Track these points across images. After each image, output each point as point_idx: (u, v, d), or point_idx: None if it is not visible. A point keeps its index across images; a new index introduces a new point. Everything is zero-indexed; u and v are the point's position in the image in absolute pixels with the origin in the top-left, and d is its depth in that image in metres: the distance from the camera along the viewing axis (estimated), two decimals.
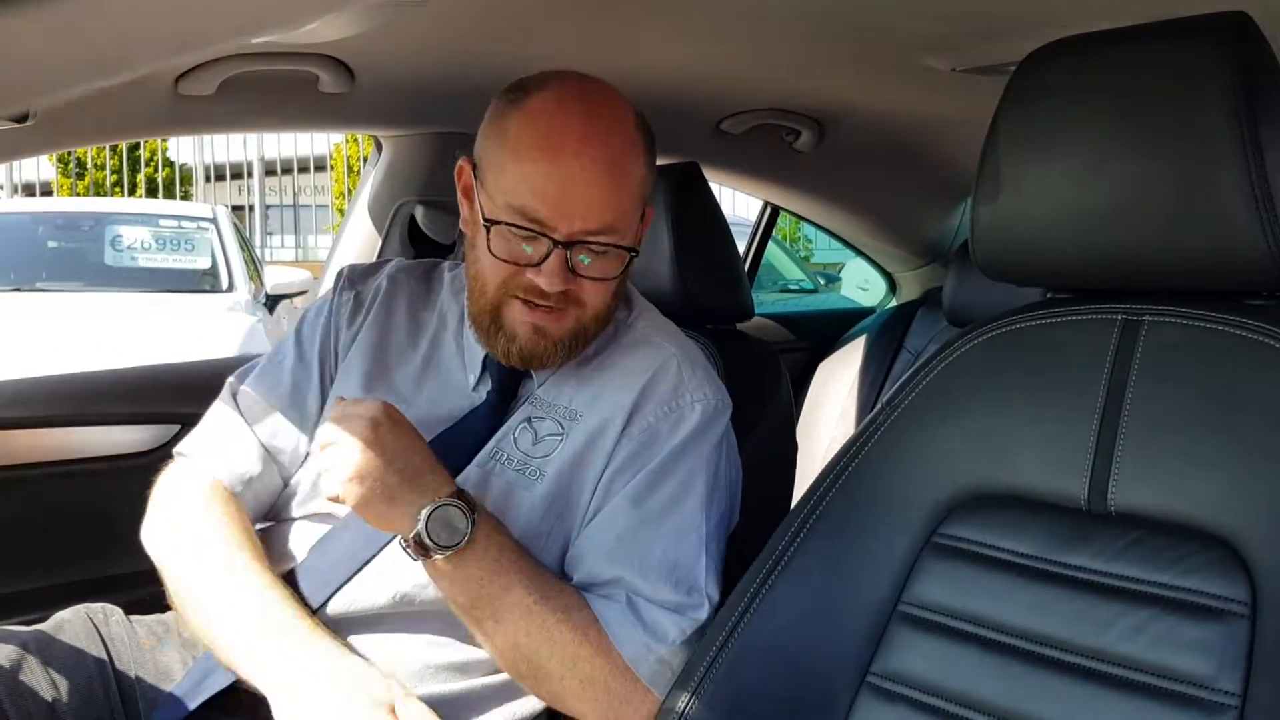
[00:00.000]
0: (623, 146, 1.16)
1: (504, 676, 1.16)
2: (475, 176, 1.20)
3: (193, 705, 1.15)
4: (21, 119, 1.30)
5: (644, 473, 1.17)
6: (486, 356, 1.25)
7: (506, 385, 1.25)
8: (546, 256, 1.13)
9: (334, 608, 1.16)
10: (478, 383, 1.26)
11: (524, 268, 1.15)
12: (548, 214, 1.12)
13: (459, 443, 1.21)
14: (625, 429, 1.19)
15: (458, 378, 1.28)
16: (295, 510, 1.26)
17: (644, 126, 1.21)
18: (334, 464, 1.07)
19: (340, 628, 1.15)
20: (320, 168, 14.39)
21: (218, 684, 1.15)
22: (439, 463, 1.11)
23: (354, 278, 1.39)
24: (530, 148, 1.13)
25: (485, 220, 1.16)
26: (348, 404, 1.12)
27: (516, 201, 1.13)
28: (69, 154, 12.67)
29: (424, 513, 1.06)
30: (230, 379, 1.34)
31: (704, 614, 1.14)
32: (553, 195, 1.12)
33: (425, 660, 1.15)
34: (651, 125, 1.25)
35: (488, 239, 1.16)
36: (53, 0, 0.37)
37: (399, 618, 1.17)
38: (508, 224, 1.13)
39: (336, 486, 1.07)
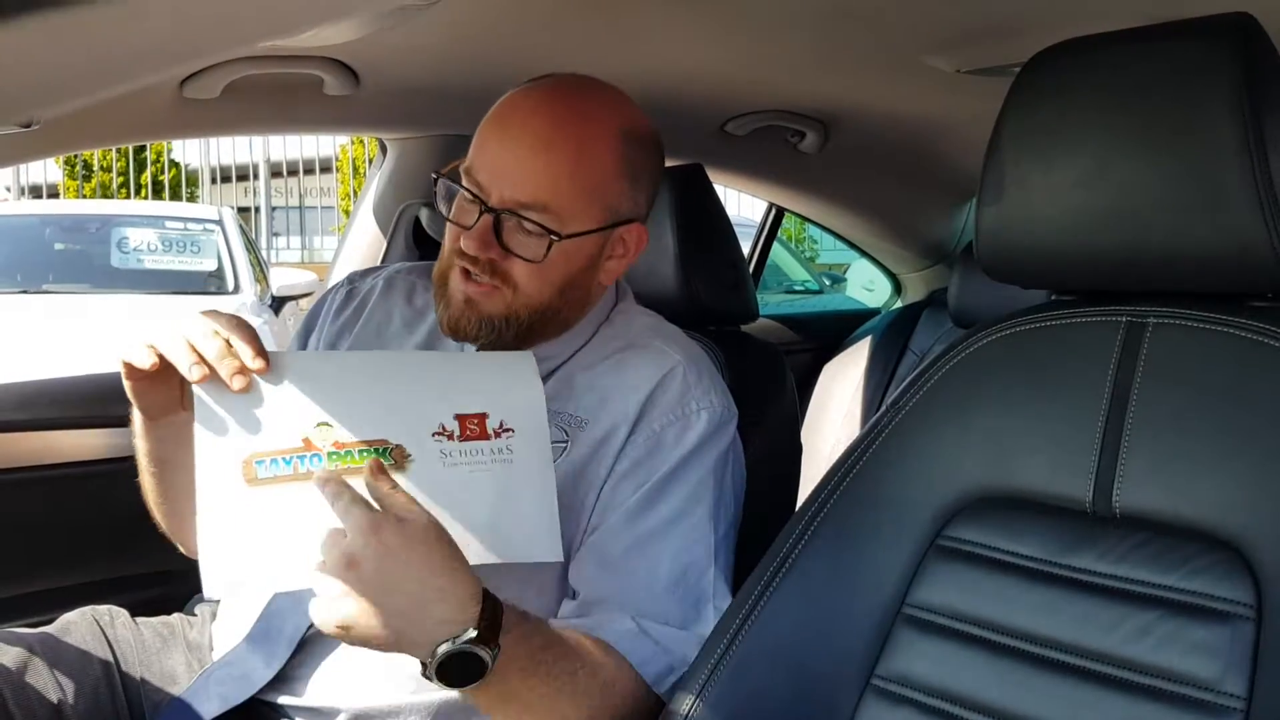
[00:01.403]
0: (583, 139, 1.16)
1: None
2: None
3: (208, 718, 1.15)
4: (28, 123, 1.30)
5: (650, 483, 1.16)
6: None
7: None
8: (476, 220, 1.15)
9: None
10: None
11: (462, 230, 1.16)
12: (484, 178, 1.15)
13: None
14: (630, 437, 1.18)
15: None
16: None
17: (633, 141, 1.20)
18: (319, 595, 0.91)
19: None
20: (326, 169, 14.41)
21: (231, 699, 1.15)
22: (456, 572, 0.93)
23: (353, 276, 1.41)
24: (492, 119, 1.18)
25: (434, 173, 1.21)
26: (337, 487, 0.94)
27: (468, 162, 1.17)
28: (75, 156, 12.70)
29: (435, 657, 0.91)
30: None
31: (710, 626, 1.12)
32: (490, 161, 1.15)
33: None
34: (659, 134, 1.24)
35: (448, 193, 1.20)
36: (59, 11, 0.37)
37: None
38: (447, 177, 1.18)
39: (326, 627, 0.91)
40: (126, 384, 1.06)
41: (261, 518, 0.97)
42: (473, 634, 0.91)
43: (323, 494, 0.94)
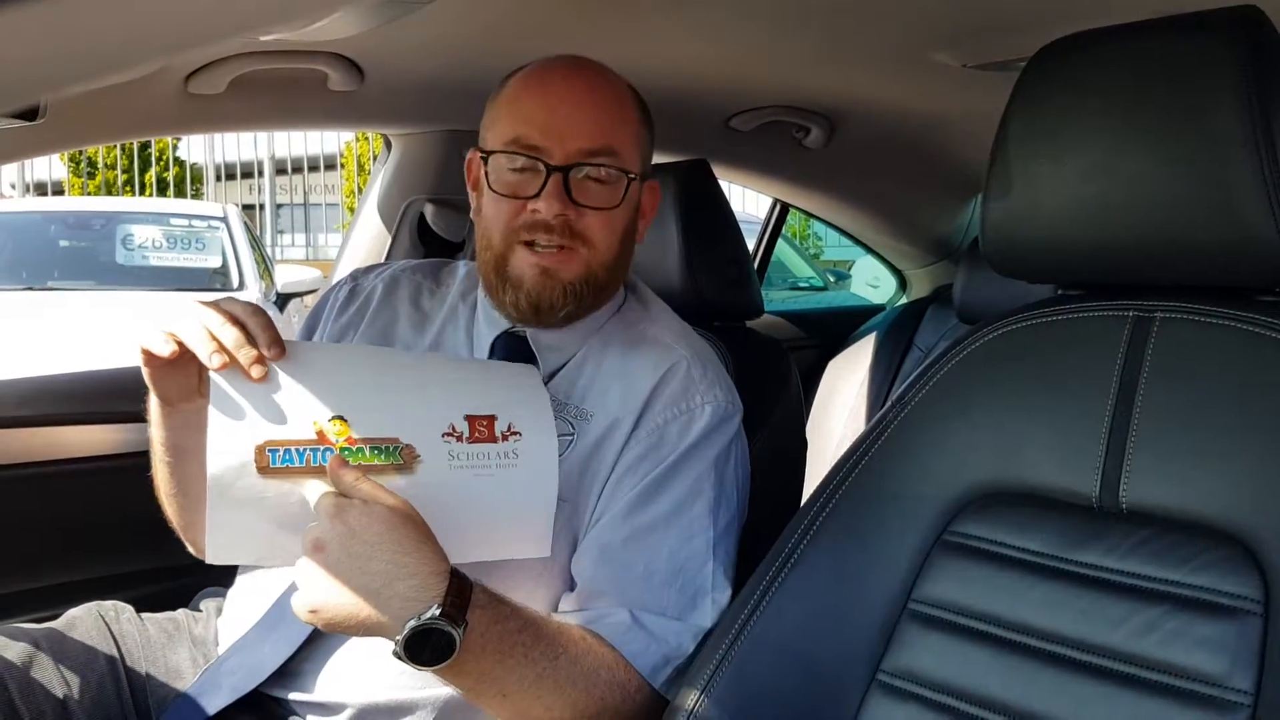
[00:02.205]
0: (614, 94, 1.22)
1: None
2: (479, 159, 1.23)
3: (212, 710, 1.15)
4: (31, 117, 1.30)
5: (652, 475, 1.17)
6: (494, 342, 1.25)
7: None
8: (545, 183, 1.16)
9: None
10: None
11: (525, 201, 1.17)
12: (540, 138, 1.16)
13: None
14: (634, 429, 1.19)
15: None
16: None
17: (639, 100, 1.27)
18: (298, 583, 0.95)
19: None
20: (331, 166, 14.44)
21: (241, 688, 1.15)
22: (423, 550, 0.94)
23: (356, 274, 1.41)
24: (521, 90, 1.20)
25: (483, 152, 1.21)
26: (316, 490, 0.97)
27: (511, 134, 1.18)
28: (80, 153, 12.73)
29: (400, 636, 0.92)
30: None
31: (710, 620, 1.13)
32: (544, 119, 1.17)
33: None
34: (660, 122, 1.27)
35: (488, 176, 1.20)
36: None
37: None
38: (503, 151, 1.18)
39: (300, 613, 0.94)
40: (145, 371, 1.07)
41: (269, 506, 0.99)
42: (437, 610, 0.91)
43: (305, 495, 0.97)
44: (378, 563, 0.92)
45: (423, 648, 0.92)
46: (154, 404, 1.15)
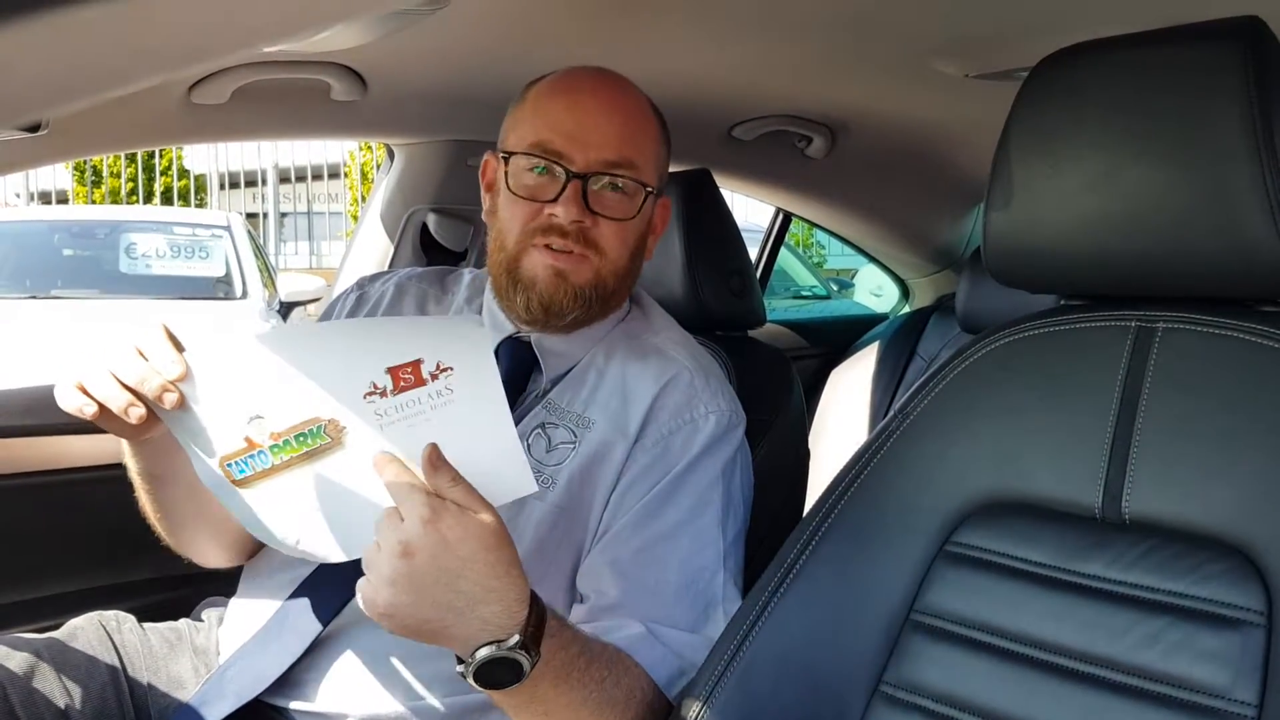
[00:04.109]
0: (637, 107, 1.24)
1: None
2: (500, 152, 1.24)
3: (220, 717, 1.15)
4: (35, 128, 1.31)
5: (659, 488, 1.16)
6: (498, 348, 1.25)
7: (516, 376, 1.25)
8: (563, 189, 1.17)
9: (348, 613, 1.16)
10: None
11: (543, 204, 1.18)
12: (564, 145, 1.17)
13: None
14: (638, 440, 1.19)
15: None
16: None
17: (660, 118, 1.28)
18: (369, 577, 0.91)
19: (359, 628, 1.15)
20: (334, 175, 14.44)
21: (242, 697, 1.15)
22: (512, 574, 0.90)
23: (362, 281, 1.42)
24: (548, 96, 1.22)
25: (503, 153, 1.22)
26: (397, 467, 0.92)
27: (534, 138, 1.19)
28: (85, 162, 12.74)
29: (475, 660, 0.90)
30: None
31: (720, 630, 1.12)
32: (569, 126, 1.18)
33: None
34: None
35: (507, 178, 1.20)
36: (64, 10, 0.37)
37: None
38: (525, 154, 1.19)
39: (370, 610, 0.90)
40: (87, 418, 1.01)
41: (256, 510, 0.98)
42: (517, 639, 0.89)
43: (382, 478, 0.92)
44: (467, 582, 0.88)
45: (492, 671, 0.90)
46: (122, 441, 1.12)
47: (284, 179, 13.90)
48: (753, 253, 2.90)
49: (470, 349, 0.98)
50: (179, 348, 0.98)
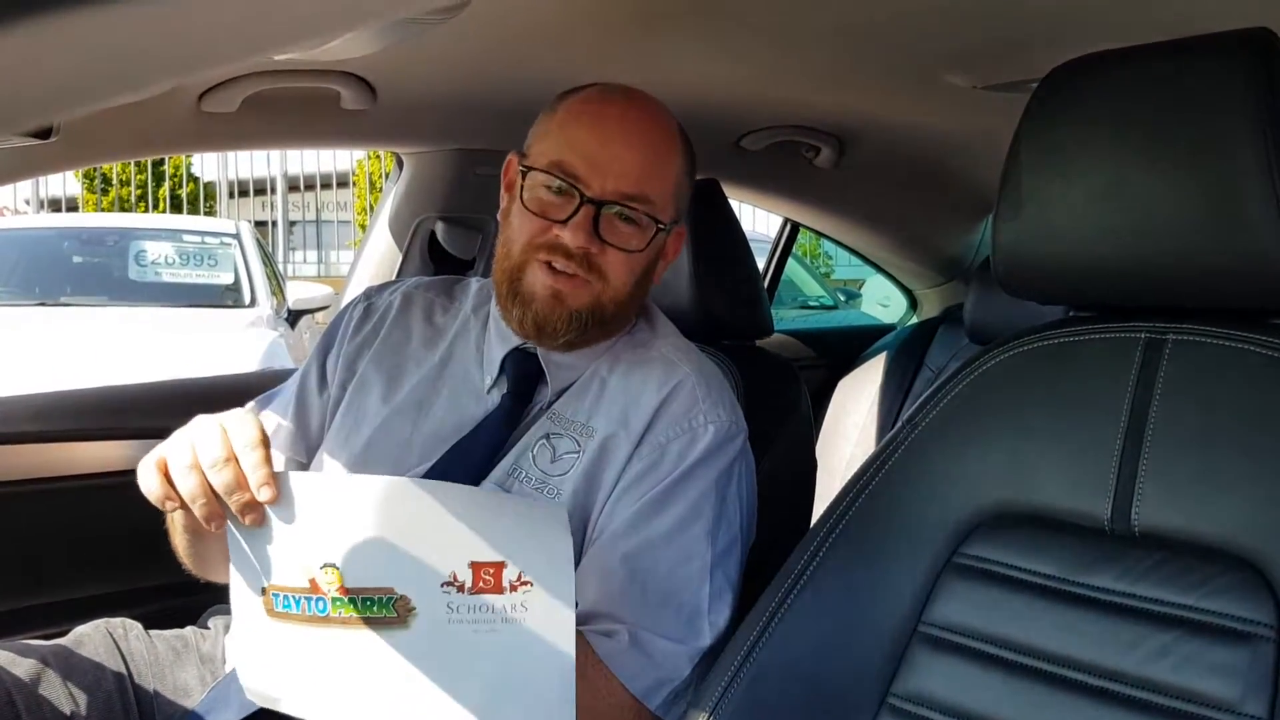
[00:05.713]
0: (663, 137, 1.23)
1: None
2: (520, 163, 1.23)
3: None
4: (44, 135, 1.31)
5: (651, 494, 1.16)
6: (504, 359, 1.25)
7: (521, 388, 1.25)
8: (575, 212, 1.16)
9: None
10: (492, 385, 1.26)
11: (552, 224, 1.17)
12: (583, 170, 1.17)
13: (474, 453, 1.21)
14: (637, 448, 1.19)
15: (473, 379, 1.28)
16: None
17: (685, 137, 1.27)
18: None
19: None
20: (343, 183, 14.49)
21: (248, 705, 1.14)
22: None
23: (370, 292, 1.41)
24: (576, 115, 1.21)
25: (523, 166, 1.21)
26: None
27: (555, 156, 1.18)
28: (94, 169, 12.80)
29: None
30: (251, 403, 1.34)
31: (706, 641, 1.12)
32: (591, 151, 1.17)
33: None
34: None
35: (523, 190, 1.20)
36: (72, 15, 0.37)
37: None
38: (544, 171, 1.18)
39: None
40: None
41: (283, 648, 0.94)
42: None
43: None
44: None
45: None
46: None
47: (293, 187, 13.95)
48: (760, 263, 2.90)
49: (551, 566, 0.94)
50: (267, 446, 0.95)
